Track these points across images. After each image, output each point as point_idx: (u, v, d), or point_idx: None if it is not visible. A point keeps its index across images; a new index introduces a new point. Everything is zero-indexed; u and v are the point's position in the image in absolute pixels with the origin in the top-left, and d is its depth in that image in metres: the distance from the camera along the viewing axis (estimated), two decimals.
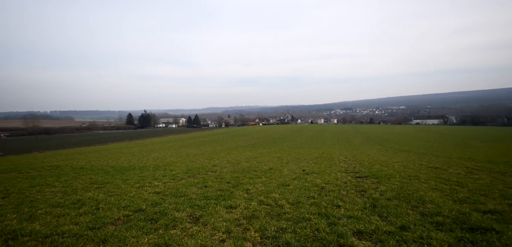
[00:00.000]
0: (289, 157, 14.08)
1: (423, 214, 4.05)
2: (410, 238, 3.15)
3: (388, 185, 6.32)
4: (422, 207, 4.42)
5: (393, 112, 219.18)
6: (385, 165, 10.45)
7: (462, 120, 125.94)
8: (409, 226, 3.51)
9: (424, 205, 4.53)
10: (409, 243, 3.02)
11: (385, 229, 3.47)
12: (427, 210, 4.22)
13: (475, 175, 7.62)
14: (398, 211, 4.24)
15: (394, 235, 3.27)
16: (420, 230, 3.34)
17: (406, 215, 3.99)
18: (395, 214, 4.08)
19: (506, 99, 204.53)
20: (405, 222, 3.68)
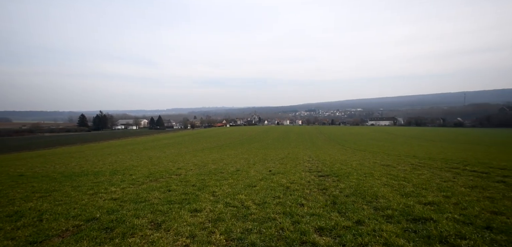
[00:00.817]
0: (256, 158, 14.23)
1: (376, 209, 4.43)
2: (364, 231, 3.42)
3: (346, 182, 6.74)
4: (375, 202, 4.83)
5: (351, 114, 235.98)
6: (345, 163, 11.16)
7: (408, 121, 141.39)
8: (364, 220, 3.81)
9: (377, 200, 4.95)
10: (364, 236, 3.27)
11: (343, 224, 3.71)
12: (379, 205, 4.62)
13: (419, 171, 8.58)
14: (355, 206, 4.57)
15: (351, 229, 3.52)
16: (373, 224, 3.65)
17: (361, 210, 4.32)
18: (352, 209, 4.39)
19: (442, 102, 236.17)
20: (360, 216, 3.98)
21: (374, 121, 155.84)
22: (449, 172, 8.12)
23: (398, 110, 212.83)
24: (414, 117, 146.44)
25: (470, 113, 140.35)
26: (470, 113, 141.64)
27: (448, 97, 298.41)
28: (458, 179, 6.81)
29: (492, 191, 5.34)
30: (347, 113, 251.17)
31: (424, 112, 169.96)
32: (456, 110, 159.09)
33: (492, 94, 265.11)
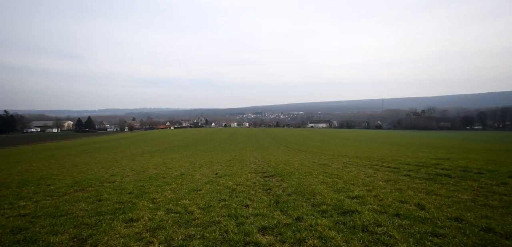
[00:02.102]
0: (202, 161, 13.84)
1: (313, 205, 4.83)
2: (303, 227, 3.69)
3: (289, 182, 7.14)
4: (313, 199, 5.27)
5: (294, 117, 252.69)
6: (288, 164, 11.83)
7: (341, 124, 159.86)
8: (303, 217, 4.11)
9: (314, 197, 5.40)
10: (302, 231, 3.53)
11: (284, 222, 3.92)
12: (316, 201, 5.06)
13: (348, 169, 9.74)
14: (296, 204, 4.89)
15: (291, 226, 3.75)
16: (310, 219, 3.97)
17: (301, 208, 4.65)
18: (293, 207, 4.68)
19: (366, 107, 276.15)
20: (300, 213, 4.29)
21: (314, 124, 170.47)
22: (371, 168, 9.46)
23: (333, 113, 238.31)
24: (346, 120, 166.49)
25: (386, 117, 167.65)
26: (386, 117, 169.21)
27: (371, 103, 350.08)
28: (378, 175, 8.00)
29: (400, 183, 6.46)
30: (290, 116, 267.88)
31: (353, 116, 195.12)
32: (377, 115, 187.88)
33: (405, 101, 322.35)
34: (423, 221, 3.61)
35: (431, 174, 7.38)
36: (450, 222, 3.52)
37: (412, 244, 2.92)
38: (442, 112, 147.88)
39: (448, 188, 5.60)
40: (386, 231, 3.31)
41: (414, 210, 4.11)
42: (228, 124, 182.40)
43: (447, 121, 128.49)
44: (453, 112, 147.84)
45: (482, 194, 4.95)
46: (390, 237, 3.12)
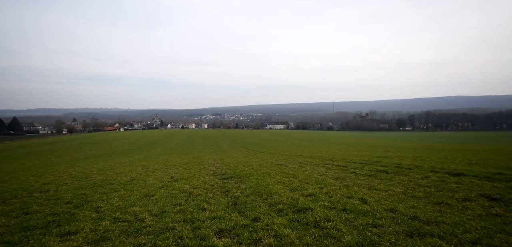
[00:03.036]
0: (157, 165, 13.02)
1: (270, 204, 4.96)
2: (259, 227, 3.76)
3: (247, 183, 7.19)
4: (270, 199, 5.40)
5: (253, 118, 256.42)
6: (247, 165, 11.92)
7: (297, 125, 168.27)
8: (260, 217, 4.19)
9: (271, 197, 5.55)
10: (258, 231, 3.60)
11: (242, 223, 3.94)
12: (273, 201, 5.21)
13: (303, 168, 10.27)
14: (253, 205, 4.95)
15: (248, 227, 3.79)
16: (267, 219, 4.07)
17: (258, 208, 4.73)
18: (251, 208, 4.73)
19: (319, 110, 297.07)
20: (257, 214, 4.35)
21: (272, 125, 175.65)
22: (323, 167, 10.15)
23: (290, 115, 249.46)
24: (301, 122, 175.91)
25: (336, 119, 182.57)
26: (336, 119, 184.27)
27: (323, 105, 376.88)
28: (329, 173, 8.62)
29: (348, 180, 7.08)
30: (250, 117, 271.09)
31: (308, 117, 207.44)
32: (328, 117, 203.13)
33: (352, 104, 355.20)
34: (365, 214, 4.02)
35: (372, 171, 8.26)
36: (386, 213, 4.00)
37: (356, 235, 3.22)
38: (381, 115, 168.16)
39: (386, 183, 6.34)
40: (335, 225, 3.59)
41: (358, 204, 4.54)
42: (186, 126, 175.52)
43: (385, 123, 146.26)
44: (390, 115, 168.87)
45: (410, 187, 5.74)
46: (338, 231, 3.40)
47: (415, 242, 2.89)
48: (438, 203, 4.38)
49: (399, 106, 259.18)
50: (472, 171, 6.76)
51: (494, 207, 3.98)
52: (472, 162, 9.06)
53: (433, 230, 3.18)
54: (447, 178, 6.23)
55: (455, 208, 4.09)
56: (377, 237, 3.12)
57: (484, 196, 4.60)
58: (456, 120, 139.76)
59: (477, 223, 3.33)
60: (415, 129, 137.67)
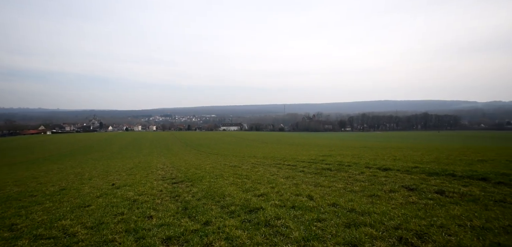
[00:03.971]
0: (94, 172, 11.59)
1: (222, 207, 4.91)
2: (210, 230, 3.69)
3: (199, 186, 6.99)
4: (223, 201, 5.35)
5: (207, 120, 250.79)
6: (199, 168, 11.57)
7: (251, 126, 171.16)
8: (211, 220, 4.11)
9: (224, 199, 5.50)
10: (210, 235, 3.52)
11: (192, 228, 3.80)
12: (225, 203, 5.17)
13: (256, 169, 10.49)
14: (205, 208, 4.83)
15: (199, 232, 3.67)
16: (219, 222, 4.02)
17: (210, 211, 4.63)
18: (202, 212, 4.60)
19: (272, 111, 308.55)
20: (209, 217, 4.26)
21: (226, 127, 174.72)
22: (275, 167, 10.54)
23: (244, 117, 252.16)
24: (255, 123, 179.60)
25: (287, 120, 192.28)
26: (287, 120, 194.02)
27: (275, 107, 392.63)
28: (280, 172, 9.00)
29: (297, 179, 7.51)
30: (203, 119, 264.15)
31: (261, 119, 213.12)
32: (280, 118, 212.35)
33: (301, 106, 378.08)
34: (311, 209, 4.32)
35: (318, 169, 8.94)
36: (329, 207, 4.38)
37: (303, 230, 3.44)
38: (326, 116, 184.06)
39: (329, 180, 6.94)
40: (284, 222, 3.77)
41: (305, 201, 4.85)
42: (131, 128, 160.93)
43: (330, 124, 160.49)
44: (333, 117, 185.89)
45: (350, 182, 6.41)
46: (287, 228, 3.57)
47: (352, 232, 3.24)
48: (371, 196, 5.00)
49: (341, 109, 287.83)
50: (396, 166, 7.93)
51: (411, 196, 4.74)
52: (396, 158, 10.62)
53: (366, 220, 3.61)
54: (378, 173, 7.17)
55: (383, 199, 4.73)
56: (321, 231, 3.39)
57: (405, 187, 5.44)
58: (384, 122, 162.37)
59: (399, 211, 3.91)
60: (354, 129, 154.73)
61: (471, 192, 4.63)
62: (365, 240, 3.00)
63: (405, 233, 3.07)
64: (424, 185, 5.40)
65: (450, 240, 2.82)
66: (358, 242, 2.97)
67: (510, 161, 7.98)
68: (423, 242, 2.85)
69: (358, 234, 3.15)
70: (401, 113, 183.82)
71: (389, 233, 3.14)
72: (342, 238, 3.11)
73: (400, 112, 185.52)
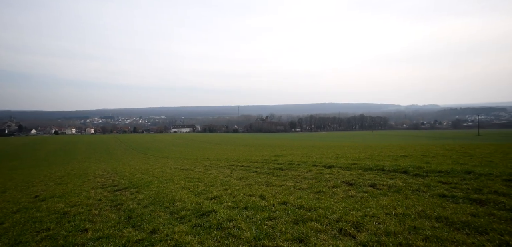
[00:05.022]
0: (10, 183, 9.70)
1: (172, 213, 4.65)
2: (158, 239, 3.45)
3: (146, 192, 6.52)
4: (172, 207, 5.07)
5: (155, 121, 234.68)
6: (146, 173, 10.76)
7: (204, 128, 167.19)
8: (159, 228, 3.85)
9: (174, 204, 5.22)
10: (156, 244, 3.30)
11: (136, 238, 3.49)
12: (175, 208, 4.91)
13: (209, 171, 10.26)
14: (152, 216, 4.50)
15: (144, 241, 3.40)
16: (167, 229, 3.79)
17: (158, 218, 4.34)
18: (148, 220, 4.28)
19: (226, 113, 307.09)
20: (156, 225, 3.98)
21: (177, 129, 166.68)
22: (229, 169, 10.49)
23: (197, 118, 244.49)
24: (208, 125, 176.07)
25: (241, 122, 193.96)
26: (241, 122, 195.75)
27: (229, 109, 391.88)
28: (233, 174, 8.99)
29: (250, 179, 7.62)
30: (151, 120, 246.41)
31: (214, 120, 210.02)
32: (234, 120, 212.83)
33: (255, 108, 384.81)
34: (263, 209, 4.43)
35: (271, 168, 9.24)
36: (280, 206, 4.56)
37: (254, 230, 3.50)
38: (278, 118, 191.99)
39: (281, 179, 7.24)
40: (236, 224, 3.77)
41: (258, 201, 4.95)
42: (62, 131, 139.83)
43: (281, 125, 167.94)
44: (285, 118, 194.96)
45: (299, 180, 6.81)
46: (239, 229, 3.58)
47: (299, 228, 3.43)
48: (317, 192, 5.40)
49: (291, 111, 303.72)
50: (339, 164, 8.74)
51: (350, 190, 5.30)
52: (339, 156, 11.72)
53: (312, 215, 3.88)
54: (324, 171, 7.79)
55: (327, 194, 5.16)
56: (272, 229, 3.50)
57: (345, 182, 6.04)
58: (329, 123, 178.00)
59: (340, 205, 4.32)
60: (303, 130, 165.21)
61: (396, 184, 5.42)
62: (311, 235, 3.21)
63: (344, 225, 3.40)
64: (361, 179, 6.09)
65: (379, 228, 3.24)
66: (305, 237, 3.16)
67: (424, 156, 9.60)
68: (359, 232, 3.21)
69: (305, 229, 3.36)
70: (343, 114, 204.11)
71: (332, 226, 3.44)
72: (290, 234, 3.27)
73: (342, 114, 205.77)
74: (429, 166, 6.71)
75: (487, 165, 6.59)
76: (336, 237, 3.12)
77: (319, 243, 2.99)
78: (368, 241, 2.90)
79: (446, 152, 10.05)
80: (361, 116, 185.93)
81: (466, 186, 4.75)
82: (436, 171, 6.11)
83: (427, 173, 6.09)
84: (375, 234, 3.08)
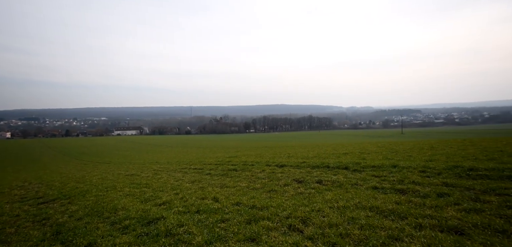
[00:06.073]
0: None
1: (113, 223, 4.20)
2: None
3: (81, 202, 5.82)
4: (114, 216, 4.58)
5: (94, 123, 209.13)
6: (82, 181, 9.52)
7: (153, 130, 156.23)
8: (96, 241, 3.43)
9: (116, 214, 4.73)
10: None
11: None
12: (117, 218, 4.45)
13: (159, 175, 9.62)
14: (88, 228, 4.00)
15: None
16: (106, 241, 3.40)
17: (95, 231, 3.86)
18: (83, 233, 3.78)
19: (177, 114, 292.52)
20: (93, 238, 3.54)
21: (121, 131, 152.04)
22: (180, 172, 10.01)
23: (144, 119, 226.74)
24: (158, 126, 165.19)
25: (194, 123, 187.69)
26: (194, 123, 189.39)
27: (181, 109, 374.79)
28: (185, 177, 8.62)
29: (203, 182, 7.41)
30: (88, 122, 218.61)
31: (165, 122, 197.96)
32: (186, 121, 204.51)
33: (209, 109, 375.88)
34: (216, 211, 4.36)
35: (225, 170, 9.16)
36: (233, 207, 4.55)
37: (206, 234, 3.41)
38: (233, 119, 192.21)
39: (235, 180, 7.24)
40: (187, 229, 3.61)
41: (211, 204, 4.85)
42: None
43: (236, 126, 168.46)
44: (239, 119, 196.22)
45: (252, 180, 6.92)
46: (189, 234, 3.44)
47: (252, 228, 3.49)
48: (269, 191, 5.57)
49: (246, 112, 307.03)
50: (290, 163, 9.19)
51: (300, 188, 5.63)
52: (290, 156, 12.34)
53: (265, 214, 3.99)
54: (276, 170, 8.08)
55: (279, 192, 5.37)
56: (224, 231, 3.47)
57: (295, 180, 6.39)
58: (281, 123, 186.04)
59: (290, 202, 4.55)
60: (257, 130, 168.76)
61: (338, 179, 5.98)
62: (262, 233, 3.29)
63: (293, 221, 3.59)
64: (309, 177, 6.52)
65: (324, 221, 3.52)
66: (256, 236, 3.22)
67: (361, 153, 10.83)
68: (306, 226, 3.43)
69: (257, 228, 3.43)
70: (293, 115, 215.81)
71: (282, 223, 3.59)
72: (243, 234, 3.30)
73: (292, 115, 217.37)
74: (365, 162, 7.59)
75: (407, 159, 7.80)
76: (286, 233, 3.27)
77: (270, 240, 3.08)
78: (314, 234, 3.12)
79: (378, 149, 11.53)
80: (309, 117, 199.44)
81: (392, 178, 5.53)
82: (370, 166, 6.95)
83: (363, 168, 6.88)
84: (320, 227, 3.33)
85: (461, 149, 8.96)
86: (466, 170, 5.47)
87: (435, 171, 5.71)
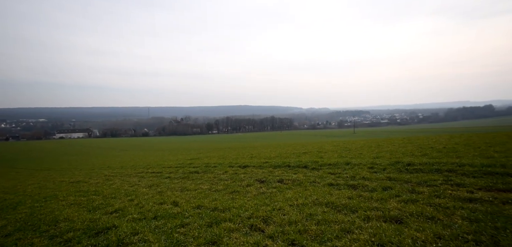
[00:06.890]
0: None
1: (52, 237, 3.72)
2: None
3: (11, 216, 5.11)
4: (54, 229, 4.06)
5: (29, 126, 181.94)
6: (12, 191, 8.24)
7: (104, 132, 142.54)
8: None
9: (56, 226, 4.20)
10: None
11: None
12: (58, 231, 3.94)
13: (111, 181, 8.81)
14: (19, 245, 3.46)
15: None
16: None
17: None
18: None
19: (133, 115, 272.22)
20: None
21: (65, 134, 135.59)
22: (136, 177, 9.32)
23: (94, 121, 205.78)
24: (110, 128, 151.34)
25: (152, 125, 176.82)
26: (152, 124, 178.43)
27: (137, 110, 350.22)
28: (142, 182, 8.06)
29: (162, 186, 7.01)
30: (22, 124, 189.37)
31: (118, 123, 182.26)
32: (143, 122, 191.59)
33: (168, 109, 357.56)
34: (175, 216, 4.16)
35: (186, 173, 8.82)
36: (194, 210, 4.40)
37: (163, 241, 3.23)
38: (194, 120, 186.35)
39: (196, 182, 7.02)
40: (142, 237, 3.38)
41: (169, 209, 4.61)
42: None
43: (198, 127, 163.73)
44: (201, 120, 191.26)
45: (214, 182, 6.79)
46: (145, 242, 3.22)
47: (213, 230, 3.42)
48: (232, 192, 5.53)
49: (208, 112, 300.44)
50: (252, 163, 9.28)
51: (262, 187, 5.72)
52: (253, 156, 12.46)
53: (226, 215, 3.95)
54: (239, 171, 8.08)
55: (241, 193, 5.38)
56: (183, 236, 3.33)
57: (258, 180, 6.47)
58: (244, 124, 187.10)
59: (252, 202, 4.59)
60: (220, 131, 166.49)
61: (298, 178, 6.24)
62: (224, 235, 3.25)
63: (255, 221, 3.63)
64: (271, 176, 6.67)
65: (284, 219, 3.63)
66: (217, 238, 3.17)
67: (319, 152, 11.49)
68: (267, 225, 3.49)
69: (218, 231, 3.37)
70: (256, 116, 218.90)
71: (244, 223, 3.60)
72: (203, 238, 3.21)
73: (255, 116, 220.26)
74: (322, 160, 8.07)
75: (359, 156, 8.54)
76: (247, 234, 3.28)
77: (231, 242, 3.06)
78: (274, 233, 3.20)
79: (334, 148, 12.39)
80: (272, 117, 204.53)
81: (346, 175, 5.99)
82: (327, 164, 7.42)
83: (321, 166, 7.31)
84: (280, 225, 3.43)
85: (402, 147, 10.16)
86: (405, 165, 6.21)
87: (381, 167, 6.36)
